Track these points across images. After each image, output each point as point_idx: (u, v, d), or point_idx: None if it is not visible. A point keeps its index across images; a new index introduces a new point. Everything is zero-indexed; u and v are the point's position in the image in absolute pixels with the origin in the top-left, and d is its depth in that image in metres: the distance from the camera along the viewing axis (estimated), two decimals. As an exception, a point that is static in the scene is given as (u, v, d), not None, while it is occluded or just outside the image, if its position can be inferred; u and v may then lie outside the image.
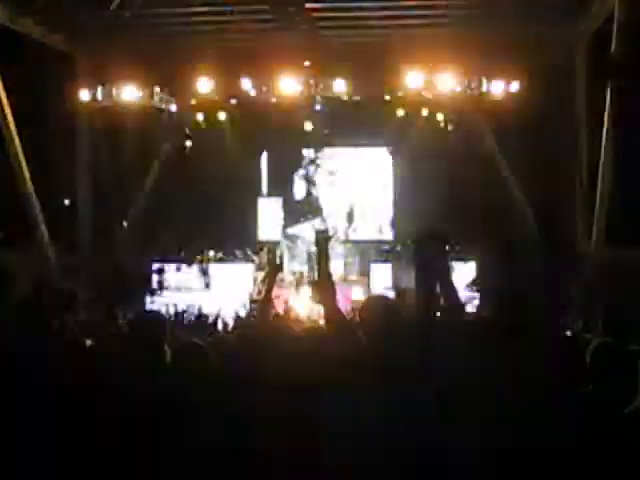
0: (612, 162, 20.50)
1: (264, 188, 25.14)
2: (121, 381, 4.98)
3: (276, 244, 23.63)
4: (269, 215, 24.74)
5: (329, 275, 4.85)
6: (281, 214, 24.61)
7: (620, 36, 19.64)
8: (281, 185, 25.01)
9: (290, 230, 24.21)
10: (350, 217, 24.02)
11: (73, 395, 4.63)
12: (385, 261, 23.12)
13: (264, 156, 25.15)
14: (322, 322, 6.94)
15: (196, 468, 4.54)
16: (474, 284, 21.26)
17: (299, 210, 24.42)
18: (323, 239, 4.98)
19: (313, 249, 21.91)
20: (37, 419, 3.88)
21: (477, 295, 20.68)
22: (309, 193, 24.64)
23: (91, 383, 5.05)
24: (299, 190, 24.78)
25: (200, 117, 23.68)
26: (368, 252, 23.55)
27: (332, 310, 4.79)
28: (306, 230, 23.50)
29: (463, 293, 21.12)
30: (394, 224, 24.38)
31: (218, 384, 5.08)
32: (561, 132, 23.71)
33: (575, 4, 21.44)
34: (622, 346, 5.27)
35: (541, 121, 22.05)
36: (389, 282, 22.04)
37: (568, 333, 10.11)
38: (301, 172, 24.86)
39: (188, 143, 24.27)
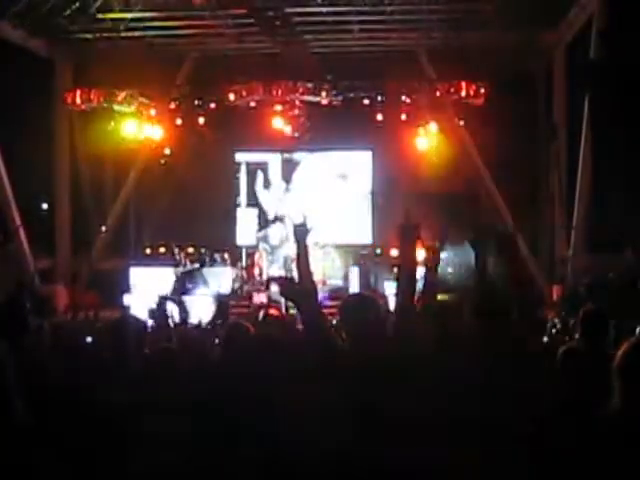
0: (591, 166, 20.64)
1: (242, 198, 25.04)
2: (98, 382, 4.98)
3: (254, 248, 23.59)
4: (246, 223, 24.74)
5: (309, 271, 4.80)
6: (256, 222, 24.61)
7: (598, 42, 19.80)
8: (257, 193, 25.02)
9: (260, 233, 24.20)
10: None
11: (52, 395, 4.63)
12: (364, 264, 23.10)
13: (243, 165, 25.08)
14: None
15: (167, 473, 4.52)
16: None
17: (271, 217, 24.41)
18: (302, 233, 4.91)
19: (289, 253, 22.02)
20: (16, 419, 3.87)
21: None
22: (277, 200, 24.63)
23: (70, 383, 5.05)
24: (269, 197, 24.80)
25: (179, 121, 23.61)
26: (347, 256, 23.52)
27: (310, 308, 4.73)
28: (274, 231, 23.62)
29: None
30: (373, 227, 24.37)
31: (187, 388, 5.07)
32: (539, 137, 23.85)
33: (553, 12, 21.58)
34: (592, 350, 5.31)
35: (520, 126, 22.16)
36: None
37: (545, 339, 10.19)
38: (275, 179, 24.84)
39: (167, 149, 24.23)
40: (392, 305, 5.28)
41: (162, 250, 23.08)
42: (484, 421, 4.37)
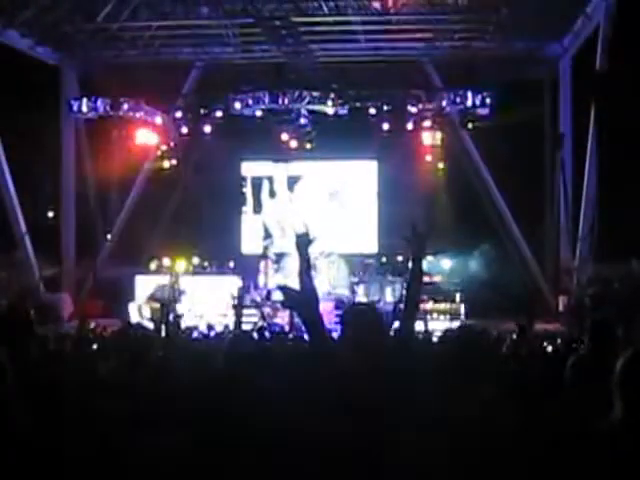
0: (596, 177, 20.63)
1: (248, 207, 25.02)
2: (101, 392, 4.97)
3: (262, 257, 23.52)
4: (252, 232, 24.73)
5: (311, 281, 4.77)
6: (262, 230, 24.60)
7: (604, 53, 19.82)
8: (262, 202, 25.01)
9: (265, 242, 24.18)
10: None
11: (53, 404, 4.62)
12: (368, 274, 23.09)
13: (248, 174, 25.06)
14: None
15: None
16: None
17: (276, 226, 24.39)
18: (303, 243, 4.87)
19: (295, 262, 21.74)
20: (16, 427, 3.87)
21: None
22: (282, 210, 24.59)
23: (71, 393, 5.04)
24: (275, 206, 24.79)
25: (185, 130, 23.61)
26: (352, 265, 23.45)
27: (312, 320, 4.70)
28: (279, 240, 23.62)
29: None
30: (379, 236, 24.32)
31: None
32: (545, 147, 23.85)
33: (560, 22, 21.60)
34: (599, 361, 5.29)
35: (525, 136, 22.14)
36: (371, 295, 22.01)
37: (549, 349, 10.17)
38: (280, 189, 24.83)
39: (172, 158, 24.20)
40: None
41: (166, 261, 22.97)
42: (484, 430, 4.35)
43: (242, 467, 4.49)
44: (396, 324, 5.02)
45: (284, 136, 23.49)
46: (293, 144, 23.67)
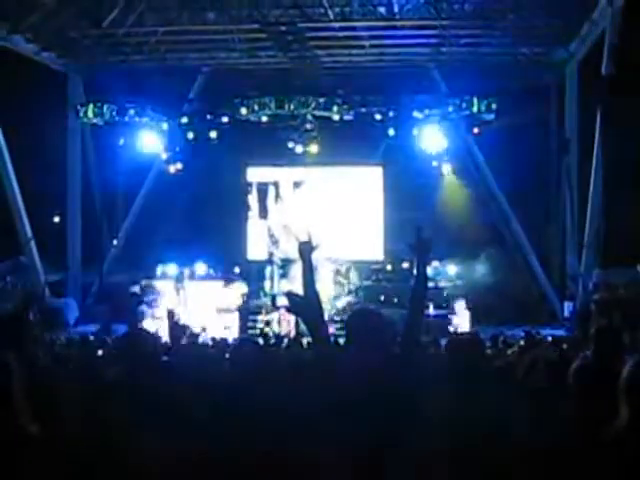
0: (602, 182, 20.59)
1: (254, 211, 24.98)
2: (106, 396, 4.96)
3: (267, 263, 23.49)
4: (257, 238, 24.67)
5: (314, 289, 4.76)
6: (268, 236, 24.54)
7: (610, 57, 19.80)
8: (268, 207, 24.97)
9: (271, 248, 24.13)
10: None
11: (59, 407, 4.61)
12: (374, 281, 23.07)
13: (254, 179, 25.03)
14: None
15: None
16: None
17: (279, 231, 24.35)
18: (306, 250, 4.86)
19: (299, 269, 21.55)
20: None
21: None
22: (286, 215, 24.54)
23: (76, 396, 5.03)
24: (280, 212, 24.74)
25: (191, 135, 23.61)
26: (359, 272, 23.40)
27: (316, 325, 4.69)
28: (285, 246, 23.58)
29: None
30: (385, 242, 24.27)
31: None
32: (551, 151, 23.84)
33: (566, 27, 21.59)
34: (604, 367, 5.26)
35: (532, 141, 22.14)
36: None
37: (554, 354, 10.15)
38: (285, 194, 24.80)
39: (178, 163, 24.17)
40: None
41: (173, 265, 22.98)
42: (487, 435, 4.34)
43: (244, 470, 4.49)
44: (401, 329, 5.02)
45: (290, 142, 23.50)
46: (299, 149, 23.67)
